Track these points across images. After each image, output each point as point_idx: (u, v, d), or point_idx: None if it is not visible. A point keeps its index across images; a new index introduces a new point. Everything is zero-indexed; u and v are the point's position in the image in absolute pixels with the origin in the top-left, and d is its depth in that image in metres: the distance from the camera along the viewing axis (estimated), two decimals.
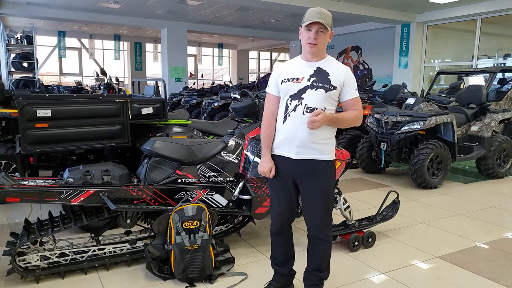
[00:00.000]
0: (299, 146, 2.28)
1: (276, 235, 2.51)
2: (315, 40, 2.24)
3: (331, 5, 9.73)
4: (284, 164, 2.36)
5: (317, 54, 2.31)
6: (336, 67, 2.31)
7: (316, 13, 2.23)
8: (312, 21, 2.22)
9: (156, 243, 2.87)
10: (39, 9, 11.41)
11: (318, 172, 2.30)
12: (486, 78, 7.35)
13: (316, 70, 2.30)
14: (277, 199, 2.44)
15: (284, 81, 2.33)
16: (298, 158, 2.29)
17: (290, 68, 2.38)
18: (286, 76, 2.34)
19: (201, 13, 12.21)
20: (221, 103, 8.65)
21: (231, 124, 4.80)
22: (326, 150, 2.30)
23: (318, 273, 2.45)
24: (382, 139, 5.64)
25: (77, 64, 18.13)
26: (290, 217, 2.48)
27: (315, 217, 2.36)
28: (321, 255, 2.42)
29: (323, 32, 2.24)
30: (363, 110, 2.35)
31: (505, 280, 2.89)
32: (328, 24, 2.22)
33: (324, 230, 2.38)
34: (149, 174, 2.95)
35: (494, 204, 4.76)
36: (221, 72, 21.50)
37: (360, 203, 4.69)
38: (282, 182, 2.40)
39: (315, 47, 2.26)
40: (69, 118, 3.38)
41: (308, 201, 2.36)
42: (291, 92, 2.30)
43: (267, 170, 2.38)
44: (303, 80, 2.28)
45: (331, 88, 2.25)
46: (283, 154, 2.35)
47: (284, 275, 2.57)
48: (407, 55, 11.78)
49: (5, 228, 3.75)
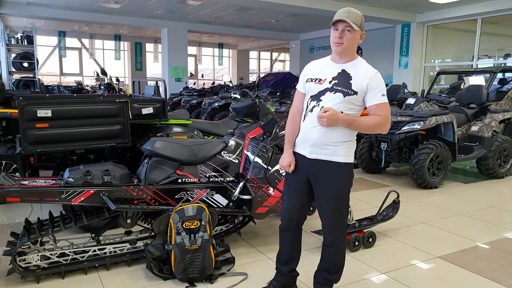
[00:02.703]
0: (312, 146, 2.28)
1: (283, 231, 2.52)
2: (340, 40, 2.17)
3: (331, 5, 9.74)
4: (300, 162, 2.37)
5: (345, 55, 2.24)
6: (362, 71, 2.22)
7: (344, 12, 2.16)
8: (337, 19, 2.15)
9: (156, 243, 2.87)
10: (40, 9, 11.41)
11: (330, 173, 2.27)
12: (486, 78, 7.35)
13: (340, 73, 2.24)
14: (288, 195, 2.44)
15: (308, 81, 2.33)
16: (311, 157, 2.29)
17: (317, 67, 2.36)
18: (311, 75, 2.33)
19: (202, 13, 12.21)
20: (222, 103, 8.66)
21: (231, 124, 4.80)
22: (340, 152, 2.24)
23: (326, 274, 2.44)
24: (382, 139, 5.64)
25: (77, 64, 18.14)
26: (299, 215, 2.45)
27: (327, 219, 2.35)
28: (331, 256, 2.41)
29: (350, 31, 2.16)
30: (389, 116, 2.23)
31: (505, 280, 2.89)
32: (356, 22, 2.14)
33: (336, 233, 2.36)
34: (149, 174, 2.95)
35: (495, 204, 4.76)
36: (222, 72, 21.51)
37: (360, 203, 4.69)
38: (297, 179, 2.40)
39: (341, 47, 2.19)
40: (69, 118, 3.38)
41: (320, 202, 2.35)
42: (312, 92, 2.30)
43: (286, 164, 2.39)
44: (324, 82, 2.25)
45: (350, 93, 2.18)
46: (300, 151, 2.37)
47: (285, 275, 2.56)
48: (407, 55, 11.78)
49: (5, 228, 3.75)
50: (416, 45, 11.58)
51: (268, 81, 14.46)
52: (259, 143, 3.19)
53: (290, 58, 17.98)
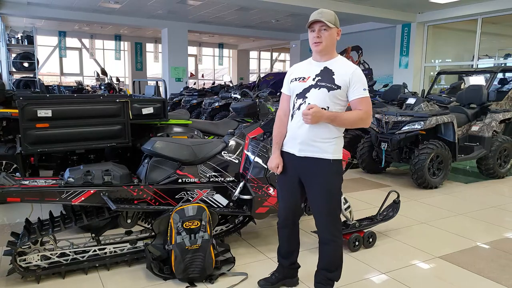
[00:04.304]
0: (300, 143, 2.33)
1: (281, 228, 2.62)
2: (318, 39, 2.27)
3: (331, 5, 9.73)
4: (290, 161, 2.43)
5: (325, 53, 2.33)
6: (343, 67, 2.30)
7: (317, 13, 2.28)
8: (312, 21, 2.26)
9: (156, 243, 2.88)
10: (40, 9, 11.41)
11: (320, 170, 2.32)
12: (486, 78, 7.34)
13: (323, 70, 2.33)
14: (281, 194, 2.54)
15: (293, 81, 2.41)
16: (301, 155, 2.35)
17: (300, 68, 2.46)
18: (295, 75, 2.42)
19: (202, 13, 12.21)
20: (222, 103, 8.66)
21: (231, 124, 4.80)
22: (329, 149, 2.30)
23: (326, 272, 2.47)
24: (383, 139, 5.64)
25: (77, 64, 18.14)
26: (294, 212, 2.55)
27: (320, 216, 2.39)
28: (329, 254, 2.44)
29: (326, 30, 2.26)
30: (370, 110, 2.30)
31: (506, 280, 2.89)
32: (330, 21, 2.25)
33: (331, 229, 2.39)
34: (149, 174, 2.95)
35: (495, 204, 4.76)
36: (222, 72, 21.51)
37: (361, 203, 4.69)
38: (288, 178, 2.47)
39: (320, 45, 2.28)
40: (69, 118, 3.38)
41: (311, 199, 2.40)
42: (297, 91, 2.37)
43: (274, 165, 2.48)
44: (308, 80, 2.34)
45: (334, 87, 2.26)
46: (289, 150, 2.43)
47: (285, 267, 2.67)
48: (407, 55, 11.77)
49: (5, 228, 3.75)
50: (417, 45, 11.57)
51: (268, 81, 14.45)
52: (259, 143, 3.19)
53: (290, 58, 17.98)
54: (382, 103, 7.01)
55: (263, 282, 2.67)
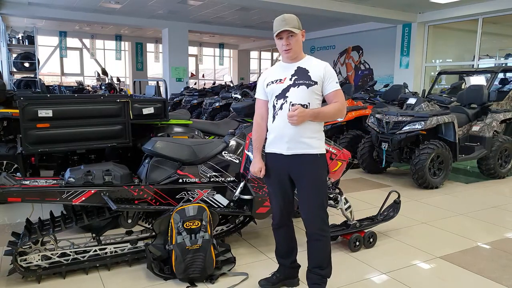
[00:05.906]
0: (288, 142, 2.39)
1: (277, 229, 2.64)
2: (288, 46, 2.38)
3: (332, 5, 9.73)
4: (278, 161, 2.47)
5: (295, 56, 2.44)
6: (315, 64, 2.43)
7: (281, 21, 2.35)
8: (279, 31, 2.34)
9: (157, 243, 2.88)
10: (41, 9, 11.42)
11: (308, 165, 2.39)
12: (487, 78, 7.34)
13: (297, 70, 2.43)
14: (274, 195, 2.56)
15: (269, 84, 2.48)
16: (289, 153, 2.40)
17: (273, 72, 2.53)
18: (270, 79, 2.49)
19: (202, 13, 12.21)
20: (222, 103, 8.66)
21: (232, 124, 4.80)
22: (315, 145, 2.39)
23: (319, 270, 2.49)
24: (383, 139, 5.64)
25: (78, 64, 18.14)
26: (288, 211, 2.58)
27: (309, 210, 2.42)
28: (320, 251, 2.47)
29: (293, 36, 2.37)
30: (345, 101, 2.41)
31: (506, 280, 2.89)
32: (295, 27, 2.35)
33: (320, 225, 2.43)
34: (150, 174, 2.95)
35: (496, 204, 4.75)
36: (222, 72, 21.51)
37: (361, 203, 4.69)
38: (277, 178, 2.51)
39: (291, 51, 2.40)
40: (70, 118, 3.39)
41: (301, 195, 2.44)
42: (276, 92, 2.43)
43: (257, 170, 2.54)
44: (285, 80, 2.42)
45: (312, 83, 2.36)
46: (275, 151, 2.46)
47: (286, 267, 2.69)
48: (408, 55, 11.77)
49: (6, 228, 3.76)
50: (417, 45, 11.57)
51: None
52: None
53: None
54: (383, 103, 7.01)
55: (264, 282, 2.68)
